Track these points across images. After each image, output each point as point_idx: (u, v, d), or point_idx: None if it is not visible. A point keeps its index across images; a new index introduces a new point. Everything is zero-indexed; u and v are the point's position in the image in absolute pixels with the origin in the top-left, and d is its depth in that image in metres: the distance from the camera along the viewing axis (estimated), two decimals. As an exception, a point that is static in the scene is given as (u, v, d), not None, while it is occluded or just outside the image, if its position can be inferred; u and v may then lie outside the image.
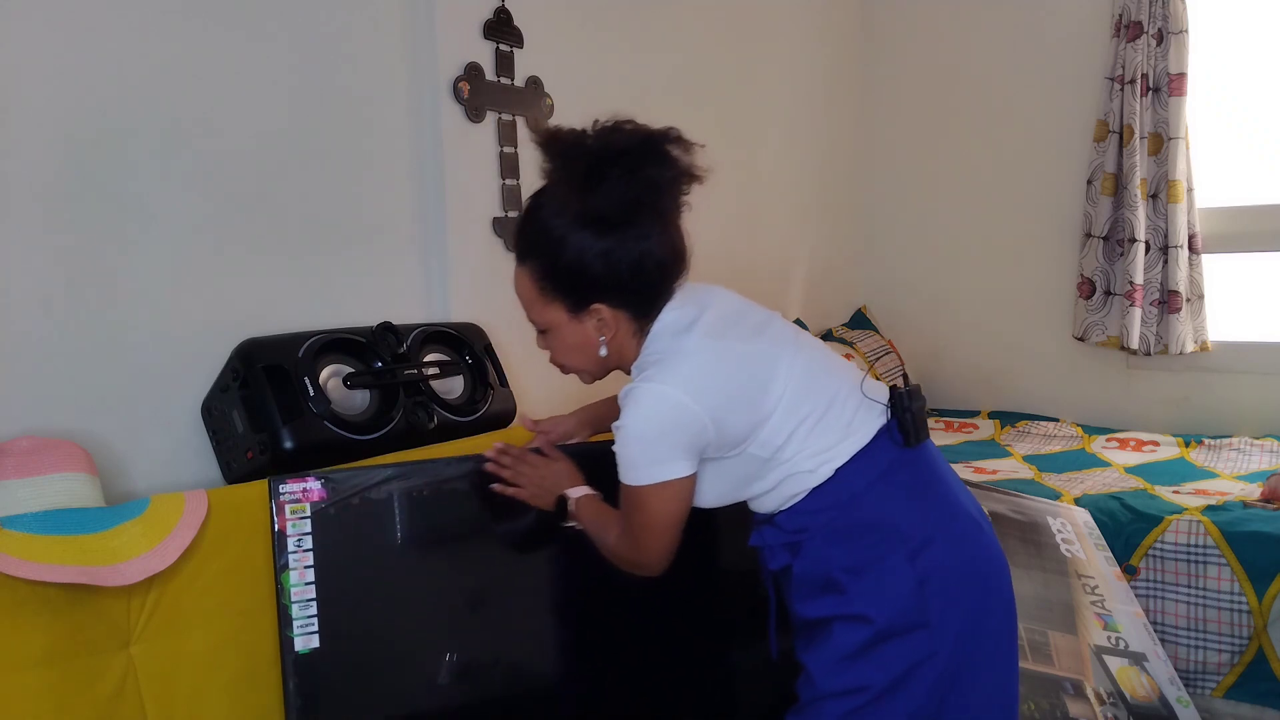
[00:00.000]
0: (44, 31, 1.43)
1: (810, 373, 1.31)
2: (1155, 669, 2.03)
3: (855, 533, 1.27)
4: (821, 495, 1.29)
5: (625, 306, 1.29)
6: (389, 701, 1.43)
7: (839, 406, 1.31)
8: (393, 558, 1.47)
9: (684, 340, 1.27)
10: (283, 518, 1.36)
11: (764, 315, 1.37)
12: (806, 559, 1.30)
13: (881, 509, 1.28)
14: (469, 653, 1.50)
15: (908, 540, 1.26)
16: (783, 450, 1.28)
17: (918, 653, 1.24)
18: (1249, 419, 3.06)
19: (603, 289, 1.26)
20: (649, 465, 1.25)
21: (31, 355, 1.43)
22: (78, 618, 1.25)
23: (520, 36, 2.18)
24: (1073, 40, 3.31)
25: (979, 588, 1.29)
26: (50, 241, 1.45)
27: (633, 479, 1.26)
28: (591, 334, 1.30)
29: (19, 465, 1.29)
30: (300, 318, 1.75)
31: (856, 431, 1.30)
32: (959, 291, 3.64)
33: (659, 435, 1.24)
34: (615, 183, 1.20)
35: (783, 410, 1.27)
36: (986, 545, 1.33)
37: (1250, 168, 3.14)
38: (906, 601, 1.24)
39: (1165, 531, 2.17)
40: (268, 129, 1.73)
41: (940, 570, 1.26)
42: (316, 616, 1.36)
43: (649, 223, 1.25)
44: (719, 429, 1.24)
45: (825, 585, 1.28)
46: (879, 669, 1.24)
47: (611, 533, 1.36)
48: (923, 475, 1.33)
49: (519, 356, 2.16)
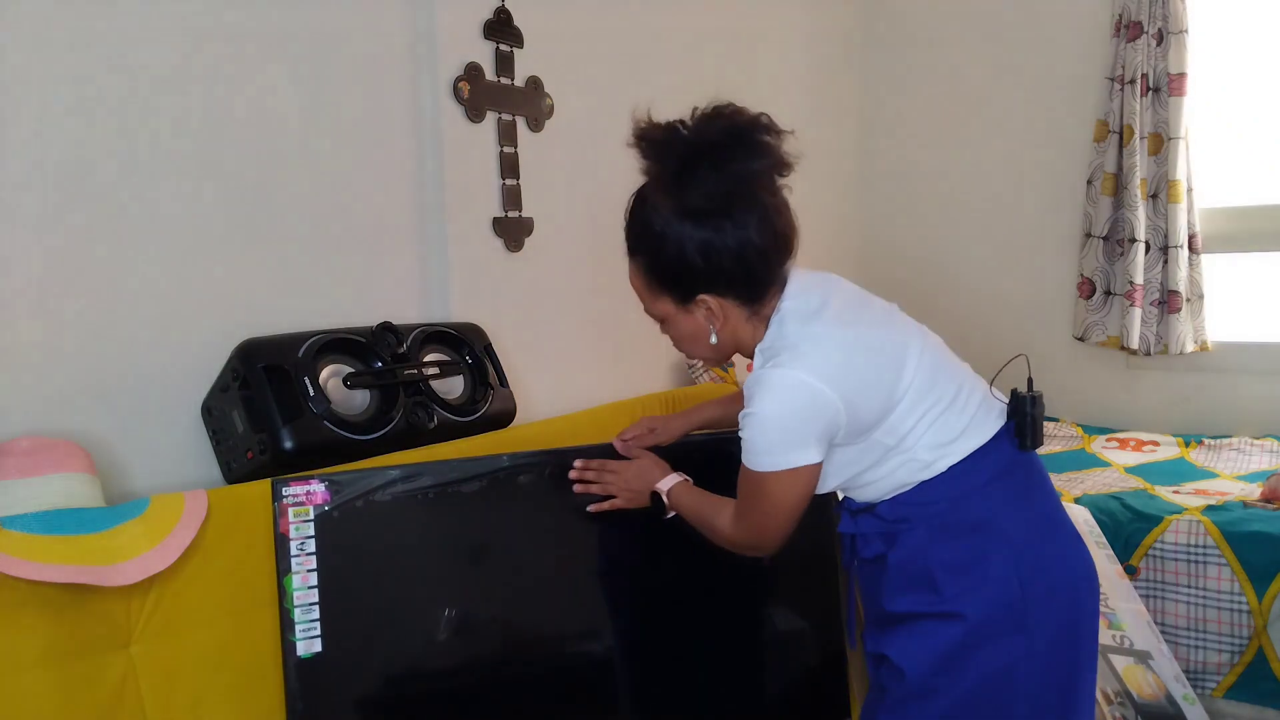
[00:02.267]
0: (44, 31, 1.43)
1: (937, 364, 1.33)
2: (1161, 667, 2.03)
3: (961, 531, 1.28)
4: (931, 488, 1.29)
5: (732, 295, 1.29)
6: (392, 707, 1.42)
7: (962, 401, 1.32)
8: (397, 561, 1.46)
9: (813, 326, 1.26)
10: (285, 520, 1.35)
11: (886, 304, 1.39)
12: (904, 550, 1.31)
13: (990, 509, 1.28)
14: (476, 659, 1.49)
15: (1012, 543, 1.26)
16: (906, 439, 1.29)
17: (1013, 654, 1.24)
18: (1249, 419, 3.06)
19: (706, 280, 1.27)
20: (781, 452, 1.24)
21: (31, 355, 1.43)
22: (78, 618, 1.25)
23: (520, 36, 2.18)
24: (1073, 40, 3.32)
25: (1073, 598, 1.30)
26: (50, 241, 1.45)
27: (760, 465, 1.25)
28: (702, 323, 1.31)
29: (19, 465, 1.28)
30: (300, 318, 1.75)
31: (977, 430, 1.31)
32: (959, 291, 3.64)
33: (793, 422, 1.23)
34: (707, 176, 1.22)
35: (911, 397, 1.28)
36: (1084, 559, 1.34)
37: (1250, 168, 3.14)
38: (1007, 603, 1.25)
39: (1165, 531, 2.17)
40: (268, 128, 1.73)
41: (1042, 576, 1.26)
42: (319, 620, 1.35)
43: (745, 212, 1.23)
44: (851, 416, 1.24)
45: (921, 580, 1.29)
46: (973, 669, 1.25)
47: (722, 517, 1.37)
48: (1034, 480, 1.35)
49: (519, 356, 2.17)
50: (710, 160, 1.22)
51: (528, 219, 2.22)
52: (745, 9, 3.04)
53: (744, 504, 1.32)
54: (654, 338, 1.51)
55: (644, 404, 2.31)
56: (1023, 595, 1.25)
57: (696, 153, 1.22)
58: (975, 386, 1.36)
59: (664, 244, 1.26)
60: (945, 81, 3.62)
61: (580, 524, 1.58)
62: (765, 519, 1.30)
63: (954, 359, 1.39)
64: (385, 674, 1.42)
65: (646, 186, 1.30)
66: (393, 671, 1.43)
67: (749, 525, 1.33)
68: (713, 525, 1.40)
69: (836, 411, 1.23)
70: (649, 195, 1.28)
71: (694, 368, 2.70)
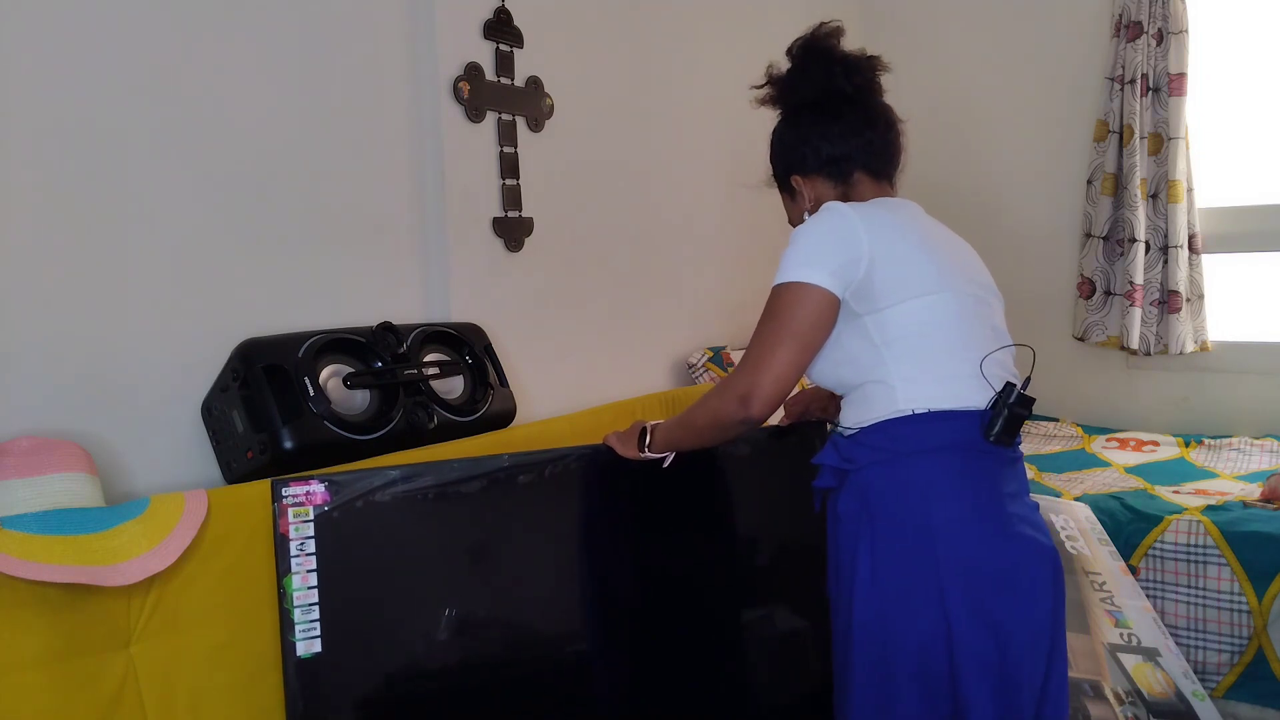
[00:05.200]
0: (45, 31, 1.43)
1: (971, 314, 1.36)
2: (1169, 663, 2.02)
3: (902, 490, 1.29)
4: (888, 433, 1.31)
5: (819, 173, 1.45)
6: (392, 708, 1.42)
7: (960, 358, 1.32)
8: (397, 562, 1.46)
9: (897, 206, 1.42)
10: (285, 521, 1.35)
11: (971, 250, 1.52)
12: (849, 501, 1.33)
13: (933, 479, 1.28)
14: (476, 659, 1.49)
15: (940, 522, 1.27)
16: (890, 346, 1.31)
17: (934, 628, 1.25)
18: (1249, 419, 3.06)
19: (791, 164, 1.47)
20: (798, 266, 1.31)
21: (31, 355, 1.43)
22: (78, 618, 1.25)
23: (520, 36, 2.18)
24: (1073, 40, 3.31)
25: (1007, 588, 1.26)
26: (50, 241, 1.45)
27: (778, 279, 1.33)
28: (800, 205, 1.48)
29: (19, 465, 1.29)
30: (300, 318, 1.75)
31: (956, 393, 1.30)
32: (959, 291, 3.64)
33: (818, 239, 1.32)
34: (789, 81, 1.50)
35: (921, 310, 1.31)
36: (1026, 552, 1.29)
37: (1250, 168, 3.14)
38: (924, 579, 1.26)
39: (1165, 531, 2.17)
40: (268, 128, 1.73)
41: (956, 556, 1.25)
42: (319, 621, 1.35)
43: (835, 110, 1.44)
44: (870, 268, 1.29)
45: (856, 545, 1.31)
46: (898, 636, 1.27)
47: (714, 389, 1.42)
48: (994, 474, 1.31)
49: (519, 356, 2.17)
50: (793, 70, 1.52)
51: (528, 219, 2.22)
52: (745, 9, 3.04)
53: (754, 336, 1.36)
54: (654, 338, 1.51)
55: (644, 404, 2.31)
56: (938, 576, 1.25)
57: (792, 71, 1.51)
58: (988, 361, 1.33)
59: (772, 145, 1.52)
60: (944, 81, 3.62)
61: (580, 524, 1.58)
62: (764, 343, 1.32)
63: (993, 331, 1.38)
64: (385, 674, 1.42)
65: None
66: (393, 672, 1.43)
67: (749, 356, 1.34)
68: (705, 404, 1.43)
69: (861, 251, 1.29)
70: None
71: (694, 368, 2.70)
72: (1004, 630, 1.25)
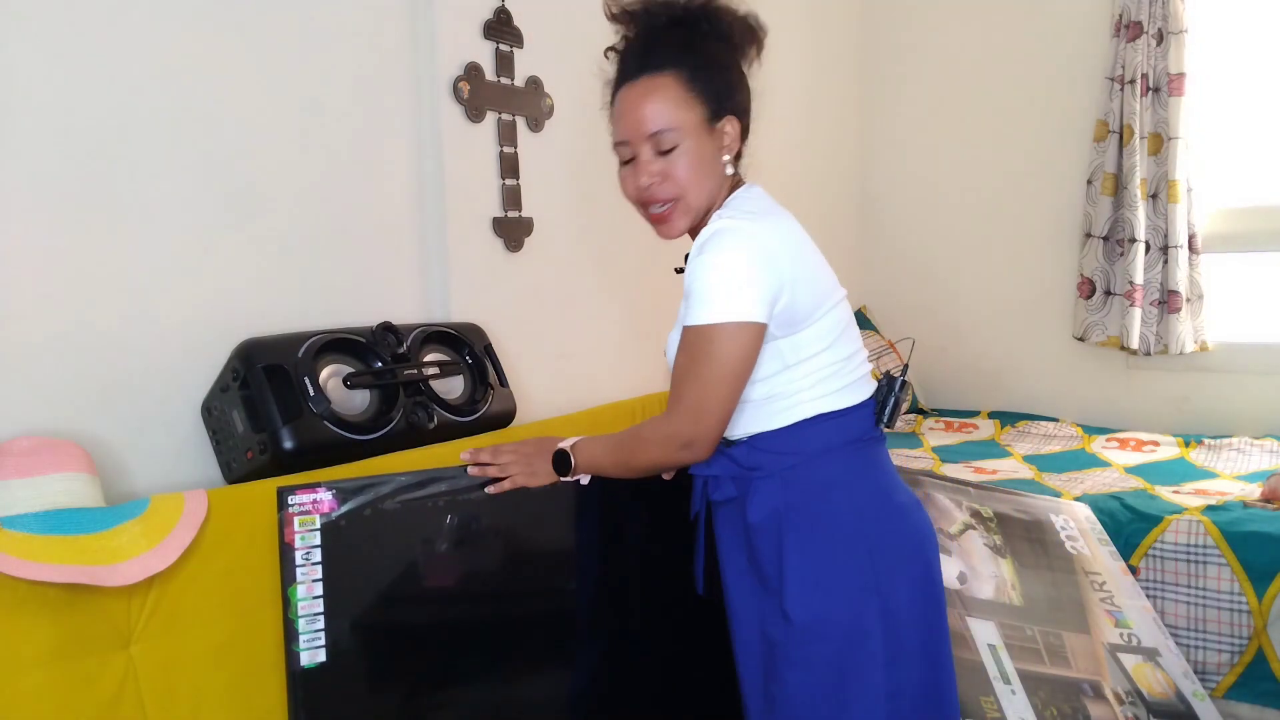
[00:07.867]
0: (45, 31, 1.43)
1: (850, 319, 1.39)
2: (1169, 663, 2.03)
3: (811, 489, 1.32)
4: (789, 438, 1.32)
5: (743, 133, 1.37)
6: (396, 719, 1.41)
7: (855, 361, 1.37)
8: (404, 571, 1.43)
9: (778, 210, 1.35)
10: (290, 530, 1.33)
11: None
12: (759, 509, 1.33)
13: (839, 472, 1.33)
14: (483, 670, 1.47)
15: (859, 507, 1.32)
16: (803, 364, 1.31)
17: (868, 617, 1.28)
18: (1249, 419, 3.06)
19: (738, 102, 1.36)
20: (728, 300, 1.22)
21: (31, 355, 1.43)
22: (78, 618, 1.25)
23: (520, 36, 2.18)
24: (1073, 40, 3.32)
25: (922, 557, 1.36)
26: (50, 241, 1.45)
27: (706, 316, 1.23)
28: (716, 150, 1.34)
29: (19, 465, 1.28)
30: (300, 318, 1.75)
31: (852, 392, 1.35)
32: (959, 291, 3.64)
33: (744, 270, 1.23)
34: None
35: (829, 326, 1.32)
36: (926, 523, 1.40)
37: (1250, 168, 3.14)
38: (858, 568, 1.29)
39: (1165, 531, 2.17)
40: (268, 128, 1.73)
41: (889, 539, 1.32)
42: (324, 631, 1.32)
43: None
44: (792, 292, 1.27)
45: (777, 545, 1.32)
46: (835, 628, 1.29)
47: (648, 424, 1.36)
48: (881, 453, 1.41)
49: (519, 356, 2.17)
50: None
51: (528, 219, 2.22)
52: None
53: (682, 374, 1.27)
54: (653, 338, 1.51)
55: (644, 404, 2.31)
56: (871, 560, 1.29)
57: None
58: (864, 356, 1.41)
59: (713, 56, 1.35)
60: (945, 81, 3.62)
61: (590, 529, 1.57)
62: (704, 389, 1.25)
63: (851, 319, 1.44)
64: (390, 686, 1.40)
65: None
66: (398, 683, 1.41)
67: (686, 403, 1.27)
68: (638, 438, 1.36)
69: (783, 278, 1.25)
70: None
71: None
72: (922, 594, 1.34)
